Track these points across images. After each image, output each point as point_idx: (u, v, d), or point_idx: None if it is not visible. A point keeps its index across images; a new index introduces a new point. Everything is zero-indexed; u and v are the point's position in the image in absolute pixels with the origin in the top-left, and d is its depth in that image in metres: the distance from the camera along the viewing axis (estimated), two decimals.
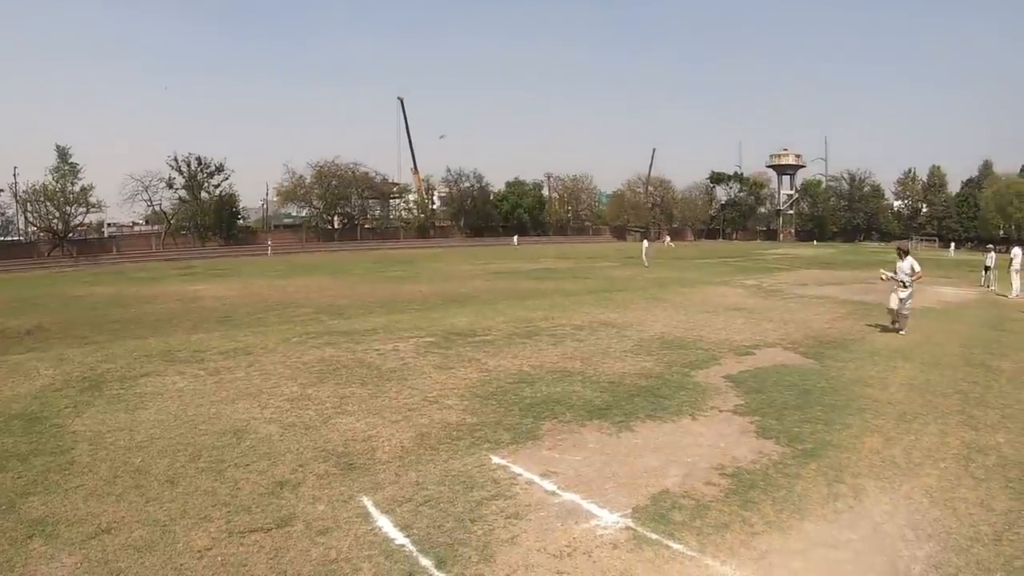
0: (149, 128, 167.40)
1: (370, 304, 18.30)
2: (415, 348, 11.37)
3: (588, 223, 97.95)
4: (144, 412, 7.61)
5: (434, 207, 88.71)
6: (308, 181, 76.89)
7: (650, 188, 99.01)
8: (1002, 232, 78.50)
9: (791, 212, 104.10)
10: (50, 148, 66.44)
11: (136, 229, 77.20)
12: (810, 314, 15.94)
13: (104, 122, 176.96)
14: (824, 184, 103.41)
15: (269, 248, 62.33)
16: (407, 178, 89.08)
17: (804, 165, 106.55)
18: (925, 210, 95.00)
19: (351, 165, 79.08)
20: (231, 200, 70.66)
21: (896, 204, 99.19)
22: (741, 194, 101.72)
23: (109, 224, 77.35)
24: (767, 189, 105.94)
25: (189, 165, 67.96)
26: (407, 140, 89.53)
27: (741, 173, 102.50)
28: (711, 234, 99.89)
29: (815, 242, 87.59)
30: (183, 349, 11.51)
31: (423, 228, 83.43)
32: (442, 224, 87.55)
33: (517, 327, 13.56)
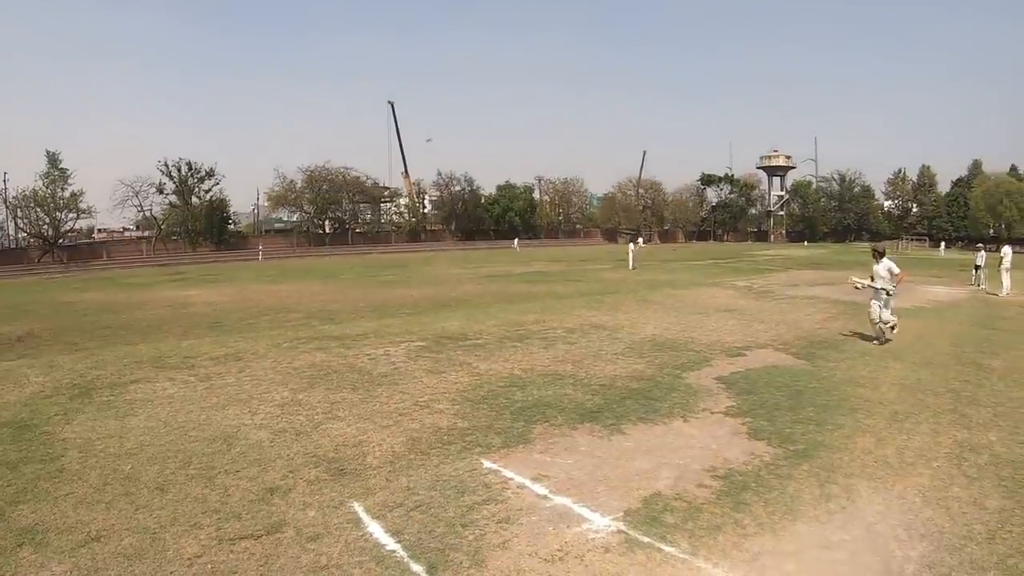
0: (137, 133, 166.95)
1: (361, 308, 18.25)
2: (406, 352, 11.33)
3: (579, 226, 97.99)
4: (134, 419, 7.56)
5: (425, 211, 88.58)
6: (299, 186, 76.66)
7: (641, 190, 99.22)
8: (992, 231, 79.13)
9: (782, 213, 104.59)
10: (40, 153, 66.19)
11: (127, 235, 76.81)
12: (801, 315, 15.99)
13: (93, 127, 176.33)
14: (814, 185, 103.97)
15: (260, 253, 62.10)
16: (398, 182, 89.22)
17: (795, 166, 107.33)
18: (915, 210, 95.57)
19: (342, 169, 79.09)
20: (222, 205, 70.34)
21: (886, 204, 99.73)
22: (732, 195, 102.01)
23: (100, 230, 77.04)
24: (758, 190, 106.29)
25: (179, 170, 67.62)
26: (398, 144, 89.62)
27: (732, 175, 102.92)
28: (702, 235, 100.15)
29: (806, 243, 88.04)
30: (173, 355, 11.45)
31: (414, 232, 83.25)
32: (433, 228, 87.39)
33: (508, 330, 13.54)
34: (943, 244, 70.13)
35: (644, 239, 41.19)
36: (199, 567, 4.21)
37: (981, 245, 27.34)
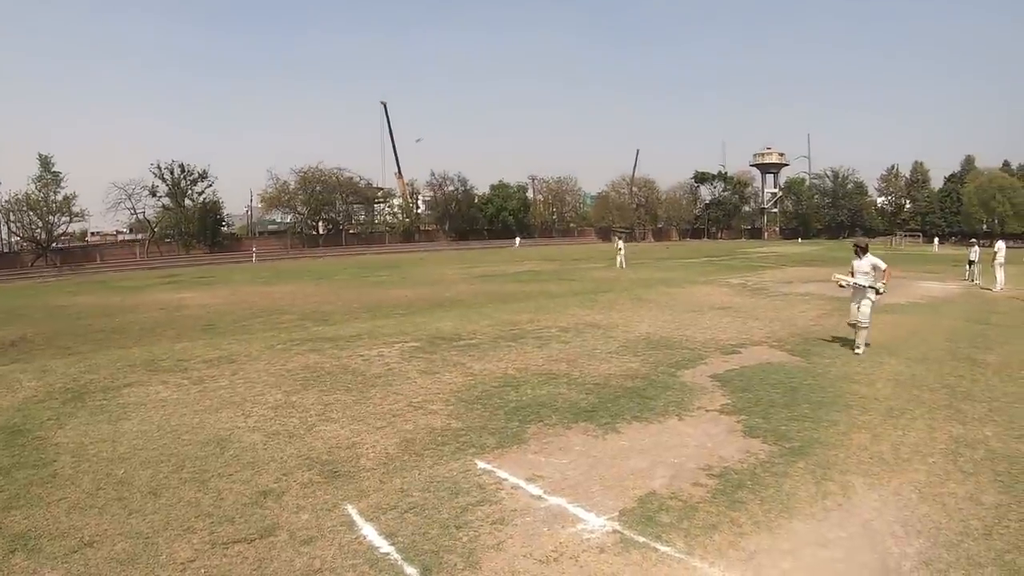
0: (129, 135, 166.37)
1: (355, 309, 18.19)
2: (400, 353, 11.30)
3: (573, 225, 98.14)
4: (127, 423, 7.51)
5: (419, 211, 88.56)
6: (292, 187, 76.51)
7: (634, 189, 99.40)
8: (985, 226, 79.57)
9: (775, 210, 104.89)
10: (32, 157, 65.89)
11: (120, 238, 76.51)
12: (796, 312, 16.01)
13: (85, 129, 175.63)
14: (808, 182, 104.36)
15: (254, 255, 61.87)
16: (391, 182, 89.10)
17: (788, 163, 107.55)
18: (909, 206, 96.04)
19: (335, 170, 79.00)
20: (215, 207, 70.19)
21: (880, 200, 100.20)
22: (725, 193, 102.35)
23: (93, 233, 76.70)
24: (751, 188, 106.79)
25: (172, 173, 67.37)
26: (391, 144, 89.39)
27: (725, 172, 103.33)
28: (696, 233, 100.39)
29: (800, 240, 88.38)
30: (167, 358, 11.39)
31: (408, 232, 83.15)
32: (427, 228, 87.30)
33: (502, 330, 13.52)
34: (937, 240, 70.57)
35: (621, 237, 40.54)
36: (192, 571, 4.18)
37: (975, 240, 27.45)
